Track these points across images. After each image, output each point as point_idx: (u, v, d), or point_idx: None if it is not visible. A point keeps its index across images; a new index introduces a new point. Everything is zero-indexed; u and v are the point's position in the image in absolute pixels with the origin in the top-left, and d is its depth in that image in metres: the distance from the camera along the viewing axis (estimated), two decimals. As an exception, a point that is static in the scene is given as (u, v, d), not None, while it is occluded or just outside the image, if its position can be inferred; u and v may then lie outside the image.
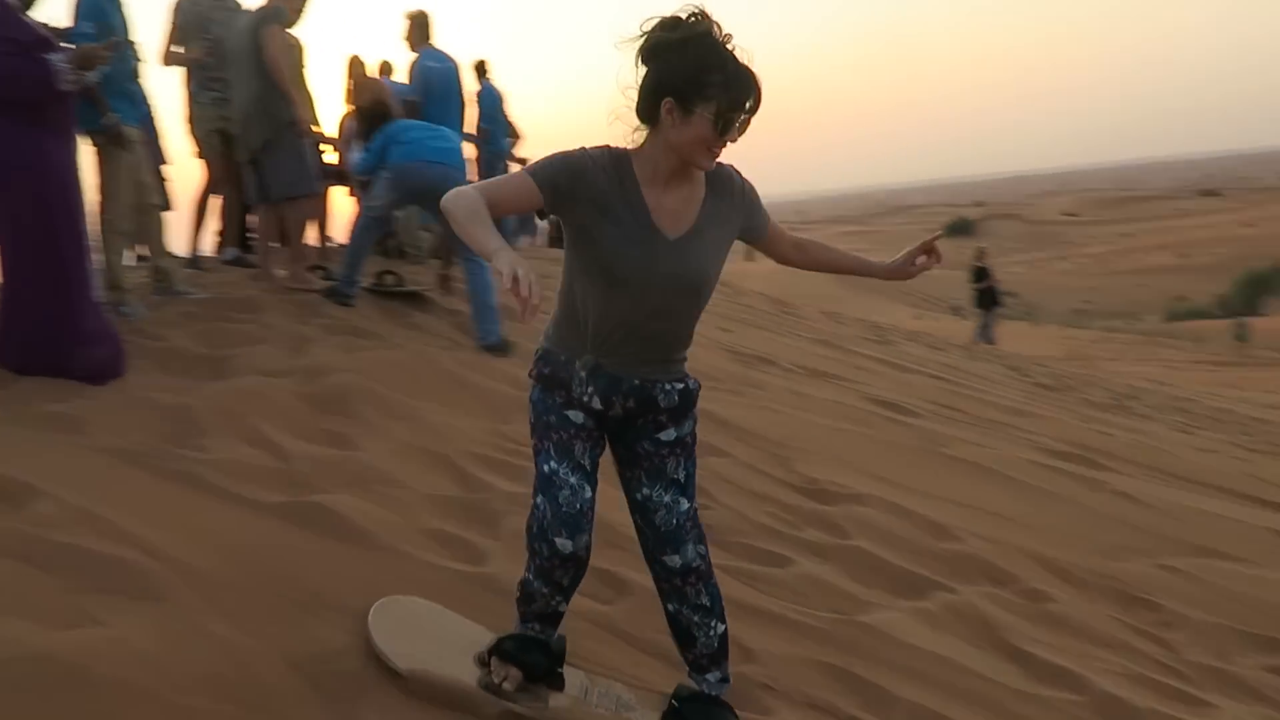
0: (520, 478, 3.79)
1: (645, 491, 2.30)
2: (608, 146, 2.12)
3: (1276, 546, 5.10)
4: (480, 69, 8.87)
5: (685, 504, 2.30)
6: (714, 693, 2.38)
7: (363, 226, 6.01)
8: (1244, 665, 3.72)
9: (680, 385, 2.26)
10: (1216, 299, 40.72)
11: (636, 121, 2.10)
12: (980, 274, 15.81)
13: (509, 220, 10.53)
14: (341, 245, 7.51)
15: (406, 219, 7.31)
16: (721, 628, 2.36)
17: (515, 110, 9.59)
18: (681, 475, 2.30)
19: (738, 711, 2.49)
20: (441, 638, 2.46)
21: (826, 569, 3.66)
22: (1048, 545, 4.48)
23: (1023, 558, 4.27)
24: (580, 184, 2.07)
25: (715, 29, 1.99)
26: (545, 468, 2.18)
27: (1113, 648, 3.64)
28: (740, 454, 4.75)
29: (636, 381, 2.20)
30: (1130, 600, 4.09)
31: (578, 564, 2.19)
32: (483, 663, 2.33)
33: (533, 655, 2.30)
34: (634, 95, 2.07)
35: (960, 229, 71.30)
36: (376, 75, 7.93)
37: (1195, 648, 3.79)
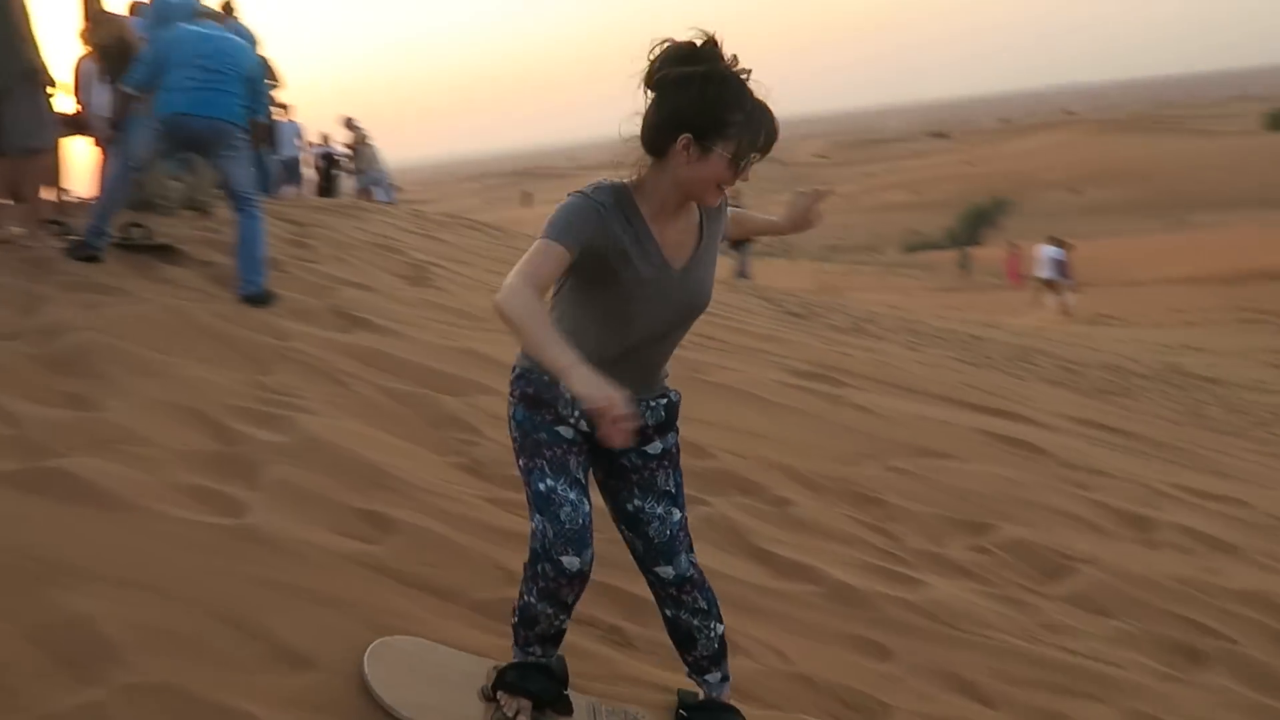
0: (281, 428, 3.65)
1: (636, 504, 2.23)
2: (606, 183, 1.99)
3: (982, 443, 5.67)
4: (226, 9, 8.24)
5: (677, 514, 2.25)
6: (716, 694, 2.33)
7: (118, 177, 5.50)
8: (954, 547, 4.14)
9: (664, 400, 2.22)
10: (945, 231, 44.19)
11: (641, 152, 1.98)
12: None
13: (273, 168, 9.95)
14: (80, 199, 6.87)
15: (154, 169, 6.74)
16: (720, 628, 2.30)
17: (272, 52, 9.00)
18: (671, 486, 2.26)
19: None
20: (440, 676, 2.28)
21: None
22: (792, 456, 4.77)
23: (770, 469, 4.53)
24: (600, 235, 1.94)
25: (733, 60, 1.88)
26: (541, 486, 2.06)
27: (845, 542, 3.95)
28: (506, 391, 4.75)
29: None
30: (862, 499, 4.44)
31: (584, 580, 2.06)
32: (488, 697, 2.19)
33: (538, 682, 2.16)
34: (639, 124, 1.96)
35: (724, 172, 73.46)
36: (118, 12, 7.21)
37: (915, 536, 4.17)
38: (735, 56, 1.88)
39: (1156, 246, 31.23)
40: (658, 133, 1.92)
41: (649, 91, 1.91)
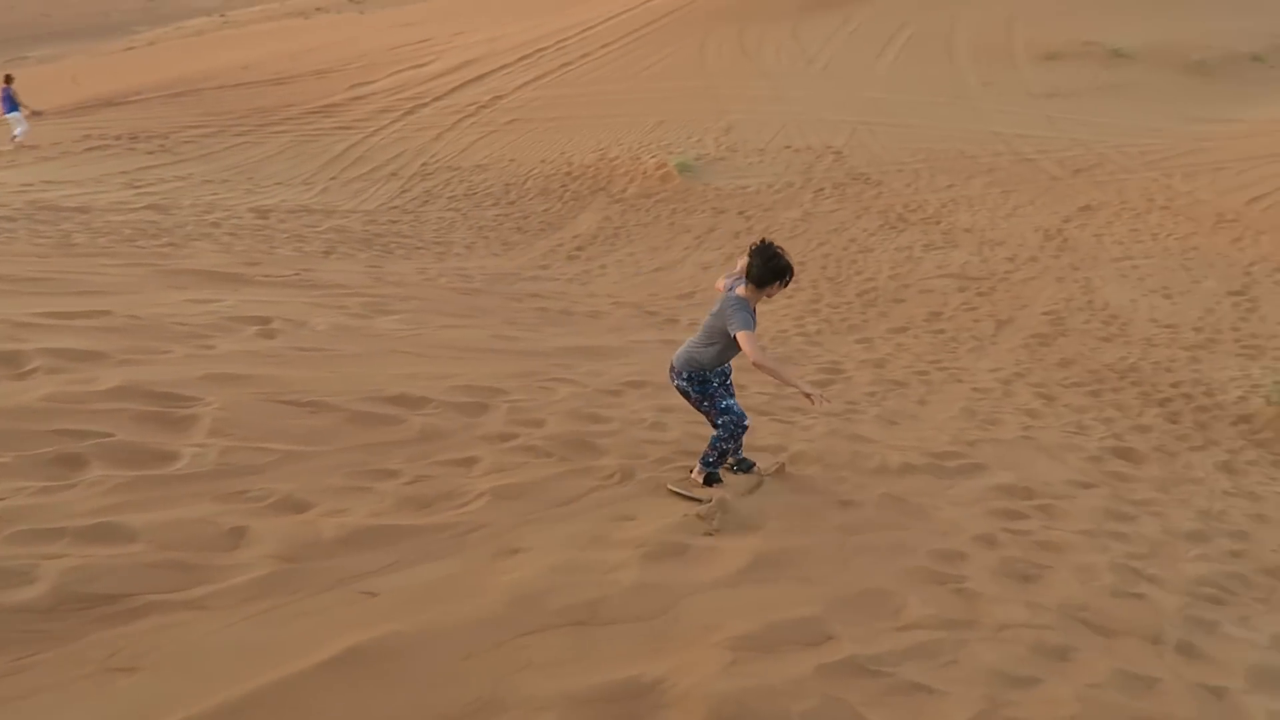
0: None
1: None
2: (741, 298, 4.43)
3: None
4: None
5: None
6: (742, 454, 4.91)
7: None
8: None
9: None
10: None
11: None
12: None
13: None
14: None
15: None
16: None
17: None
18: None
19: None
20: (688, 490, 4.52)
21: None
22: None
23: None
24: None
25: (778, 246, 4.46)
26: (723, 404, 4.53)
27: None
28: None
29: (721, 368, 4.66)
30: None
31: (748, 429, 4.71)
32: (711, 485, 4.55)
33: (718, 477, 4.64)
34: (752, 282, 4.45)
35: None
36: None
37: None
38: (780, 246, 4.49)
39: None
40: (765, 281, 4.39)
41: (758, 264, 4.36)
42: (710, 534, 3.94)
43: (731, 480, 4.65)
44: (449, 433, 4.80)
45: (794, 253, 12.97)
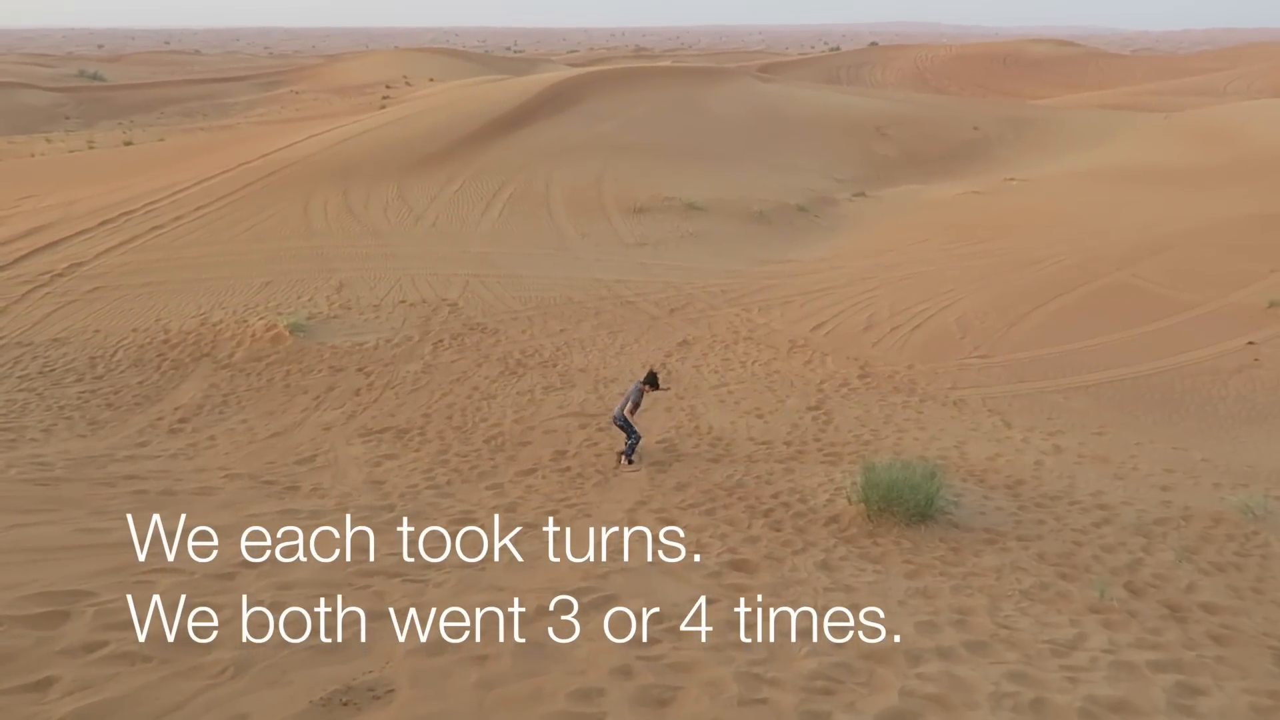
0: None
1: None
2: (641, 386, 11.32)
3: None
4: None
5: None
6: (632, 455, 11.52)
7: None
8: None
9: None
10: None
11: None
12: None
13: None
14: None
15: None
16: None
17: None
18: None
19: None
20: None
21: None
22: None
23: None
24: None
25: (657, 371, 12.93)
26: (634, 430, 11.06)
27: None
28: None
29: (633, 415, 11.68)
30: None
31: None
32: (628, 462, 10.96)
33: (632, 460, 11.22)
34: (645, 383, 11.45)
35: None
36: None
37: None
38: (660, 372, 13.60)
39: None
40: (652, 384, 11.44)
41: (648, 377, 11.50)
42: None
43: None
44: (17, 653, 4.08)
45: (419, 405, 12.83)
